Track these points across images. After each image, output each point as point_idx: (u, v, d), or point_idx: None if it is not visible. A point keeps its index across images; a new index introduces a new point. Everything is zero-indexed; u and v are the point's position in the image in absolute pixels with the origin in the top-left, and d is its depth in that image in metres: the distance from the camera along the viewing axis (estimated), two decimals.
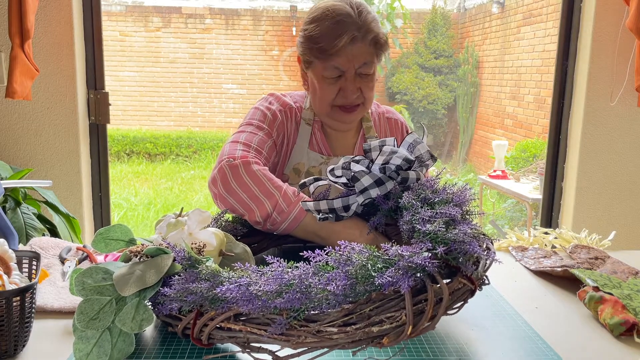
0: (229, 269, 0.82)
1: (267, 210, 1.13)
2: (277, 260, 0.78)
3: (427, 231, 0.82)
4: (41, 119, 2.21)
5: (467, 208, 0.92)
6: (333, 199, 1.08)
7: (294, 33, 8.11)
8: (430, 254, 0.77)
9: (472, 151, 7.84)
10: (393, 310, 0.74)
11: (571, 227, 2.35)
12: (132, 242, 0.94)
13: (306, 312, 0.74)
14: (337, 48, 1.26)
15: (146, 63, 8.10)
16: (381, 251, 0.78)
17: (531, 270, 1.22)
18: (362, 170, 1.04)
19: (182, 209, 1.02)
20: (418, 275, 0.75)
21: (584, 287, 1.04)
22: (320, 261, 0.77)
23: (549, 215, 2.50)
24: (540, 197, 2.80)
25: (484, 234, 0.90)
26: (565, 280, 1.15)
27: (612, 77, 2.26)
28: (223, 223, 1.16)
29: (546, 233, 1.41)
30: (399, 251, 0.76)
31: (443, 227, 0.81)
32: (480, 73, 7.72)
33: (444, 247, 0.78)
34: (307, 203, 1.10)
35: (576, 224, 2.35)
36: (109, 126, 2.37)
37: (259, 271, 0.78)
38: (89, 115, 2.28)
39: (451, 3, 8.51)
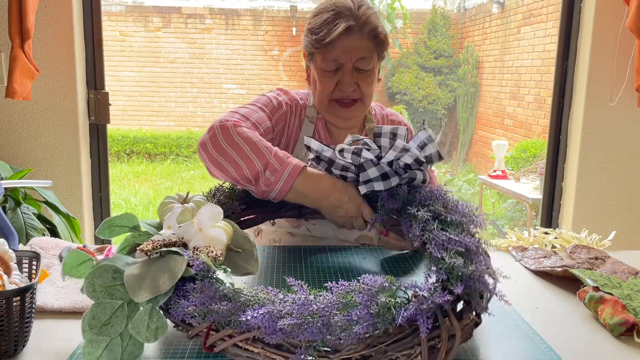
0: (249, 288, 0.80)
1: (256, 168, 1.13)
2: (299, 285, 0.77)
3: (443, 259, 0.80)
4: (41, 119, 2.21)
5: (480, 237, 0.91)
6: (338, 158, 1.08)
7: (294, 33, 8.10)
8: (447, 291, 0.76)
9: (472, 151, 7.84)
10: (408, 347, 0.74)
11: (571, 227, 2.35)
12: (135, 228, 0.93)
13: (326, 342, 0.74)
14: (333, 37, 1.28)
15: (146, 63, 8.10)
16: (400, 284, 0.77)
17: (531, 270, 1.22)
18: (371, 160, 1.04)
19: (187, 193, 1.01)
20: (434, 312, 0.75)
21: (584, 287, 1.04)
22: (342, 291, 0.76)
23: (549, 215, 2.49)
24: (540, 197, 2.80)
25: (491, 266, 0.88)
26: (565, 280, 1.15)
27: (612, 77, 2.26)
28: (220, 197, 1.15)
29: (546, 233, 1.41)
30: (422, 294, 0.75)
31: (461, 262, 0.79)
32: (480, 73, 7.72)
33: (462, 285, 0.76)
34: (312, 141, 1.11)
35: (576, 224, 2.35)
36: (109, 126, 2.37)
37: (282, 296, 0.77)
38: (89, 115, 2.28)
39: (451, 3, 8.51)
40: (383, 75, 8.25)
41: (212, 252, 0.86)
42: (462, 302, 0.81)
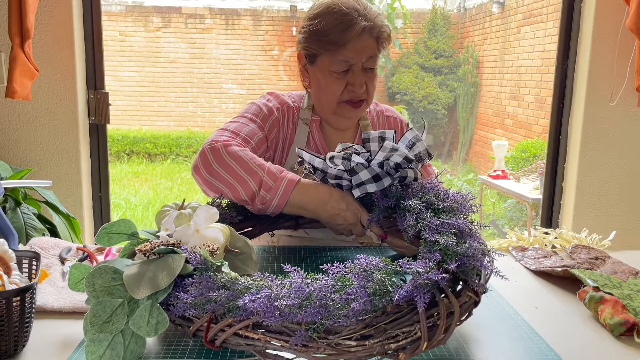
0: (246, 276, 0.82)
1: (251, 188, 1.13)
2: (296, 270, 0.78)
3: (437, 242, 0.82)
4: (41, 119, 2.21)
5: (471, 219, 0.93)
6: (330, 166, 1.08)
7: (294, 33, 8.10)
8: (442, 270, 0.77)
9: (472, 151, 7.84)
10: (407, 325, 0.75)
11: (571, 227, 2.35)
12: (134, 235, 0.94)
13: (325, 324, 0.74)
14: (347, 39, 1.28)
15: (146, 63, 8.10)
16: (396, 264, 0.79)
17: (531, 270, 1.22)
18: (361, 164, 1.05)
19: (184, 200, 1.01)
20: (431, 291, 0.76)
21: (584, 287, 1.04)
22: (338, 273, 0.77)
23: (549, 215, 2.49)
24: (540, 197, 2.80)
25: (485, 245, 0.90)
26: (565, 280, 1.15)
27: (612, 77, 2.25)
28: (217, 209, 1.15)
29: (546, 233, 1.41)
30: (417, 268, 0.77)
31: (454, 241, 0.82)
32: (480, 73, 7.72)
33: (456, 262, 0.79)
34: (304, 152, 1.11)
35: (576, 224, 2.35)
36: (109, 126, 2.37)
37: (279, 282, 0.78)
38: (89, 115, 2.28)
39: (451, 3, 8.51)
40: (383, 75, 8.18)
41: (210, 246, 0.87)
42: (461, 283, 0.82)
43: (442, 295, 0.78)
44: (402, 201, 1.00)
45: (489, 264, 0.85)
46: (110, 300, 0.80)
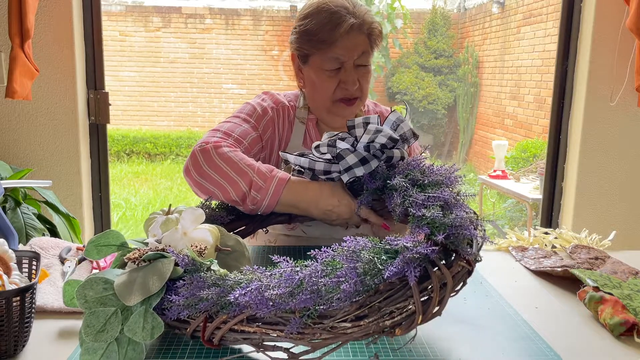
0: (236, 271, 0.82)
1: (242, 189, 1.14)
2: (285, 260, 0.78)
3: (424, 216, 0.82)
4: (41, 119, 2.21)
5: (458, 190, 0.93)
6: (315, 161, 1.09)
7: None
8: (431, 242, 0.78)
9: (472, 151, 7.84)
10: (401, 300, 0.75)
11: (571, 227, 2.35)
12: (123, 245, 0.93)
13: (318, 310, 0.74)
14: (336, 37, 1.29)
15: (146, 63, 8.10)
16: (384, 242, 0.79)
17: (531, 270, 1.22)
18: (347, 149, 1.05)
19: (170, 205, 1.01)
20: (422, 265, 0.76)
21: (584, 287, 1.04)
22: (327, 258, 0.78)
23: (549, 215, 2.49)
24: (540, 197, 2.80)
25: (474, 213, 0.91)
26: (565, 280, 1.15)
27: (612, 77, 2.25)
28: (207, 211, 1.15)
29: (546, 233, 1.41)
30: (404, 243, 0.77)
31: (440, 213, 0.82)
32: (480, 73, 7.72)
33: (443, 234, 0.79)
34: (288, 155, 1.11)
35: (576, 224, 2.35)
36: (109, 126, 2.37)
37: (269, 273, 0.78)
38: (89, 115, 2.28)
39: (451, 3, 8.51)
40: (383, 75, 8.18)
41: (197, 247, 0.87)
42: (454, 255, 0.82)
43: (435, 269, 0.78)
44: (388, 181, 1.00)
45: (480, 232, 0.85)
46: (103, 310, 0.80)
